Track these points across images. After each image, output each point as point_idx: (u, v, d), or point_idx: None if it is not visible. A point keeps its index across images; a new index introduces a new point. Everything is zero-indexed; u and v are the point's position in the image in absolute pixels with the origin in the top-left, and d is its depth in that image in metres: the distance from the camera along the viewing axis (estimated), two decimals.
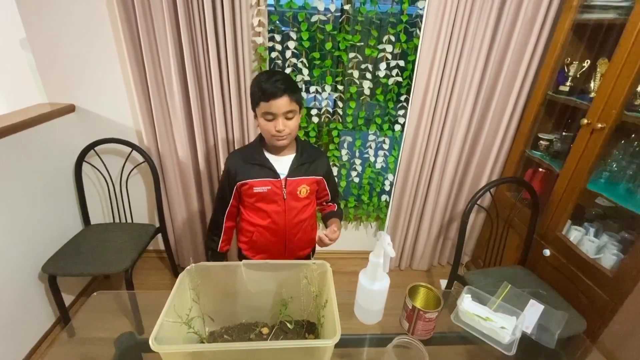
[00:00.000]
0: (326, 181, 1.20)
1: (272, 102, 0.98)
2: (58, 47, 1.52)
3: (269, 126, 1.02)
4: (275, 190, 1.09)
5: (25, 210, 1.41)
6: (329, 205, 1.27)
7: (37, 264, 1.41)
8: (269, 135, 1.04)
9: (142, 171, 1.80)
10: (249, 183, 1.08)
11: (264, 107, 1.00)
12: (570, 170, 1.38)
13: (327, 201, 1.26)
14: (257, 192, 1.09)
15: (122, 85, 1.61)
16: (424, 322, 0.86)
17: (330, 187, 1.23)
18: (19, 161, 1.37)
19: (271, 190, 1.08)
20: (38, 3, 1.43)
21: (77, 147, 1.62)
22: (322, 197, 1.25)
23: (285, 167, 1.10)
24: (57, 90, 1.61)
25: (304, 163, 1.12)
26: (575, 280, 1.33)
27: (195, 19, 1.43)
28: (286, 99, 0.98)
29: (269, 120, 1.01)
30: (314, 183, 1.16)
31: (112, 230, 1.65)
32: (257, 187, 1.08)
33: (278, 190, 1.09)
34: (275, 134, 1.02)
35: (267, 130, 1.03)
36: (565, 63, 1.52)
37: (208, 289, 0.81)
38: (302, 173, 1.12)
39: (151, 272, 1.98)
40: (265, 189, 1.08)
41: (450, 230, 2.08)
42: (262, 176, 1.08)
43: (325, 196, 1.24)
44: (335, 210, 1.26)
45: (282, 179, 1.09)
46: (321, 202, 1.26)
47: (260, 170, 1.09)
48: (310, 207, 1.19)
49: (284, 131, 1.01)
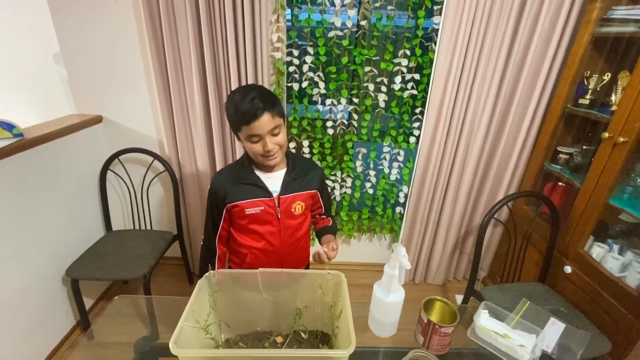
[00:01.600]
0: (320, 194, 1.13)
1: (254, 124, 0.90)
2: (89, 62, 1.62)
3: (256, 148, 0.94)
4: (269, 210, 1.02)
5: (52, 216, 1.48)
6: (322, 219, 1.20)
7: (62, 268, 1.47)
8: (257, 156, 0.97)
9: (163, 180, 1.87)
10: (240, 205, 1.01)
11: (246, 131, 0.92)
12: (592, 185, 1.35)
13: (320, 214, 1.20)
14: (250, 214, 1.01)
15: (147, 98, 1.69)
16: (439, 337, 0.84)
17: (324, 199, 1.16)
18: (49, 169, 1.45)
19: (264, 210, 1.02)
20: (73, 20, 1.54)
21: (102, 156, 1.70)
22: (316, 210, 1.18)
23: (277, 184, 1.03)
24: (86, 102, 1.70)
25: (296, 178, 1.05)
26: (598, 299, 1.29)
27: (217, 34, 1.49)
28: (267, 116, 0.91)
29: (255, 142, 0.94)
30: (309, 198, 1.09)
31: (132, 236, 1.70)
32: (249, 209, 1.01)
33: (272, 209, 1.02)
34: (265, 154, 0.95)
35: (256, 153, 0.96)
36: (585, 76, 1.50)
37: (225, 295, 0.83)
38: (296, 189, 1.05)
39: (167, 279, 2.02)
40: (258, 210, 1.01)
41: (467, 245, 2.04)
42: (253, 196, 1.01)
43: (318, 209, 1.18)
44: (330, 225, 1.20)
45: (275, 197, 1.02)
46: (314, 214, 1.20)
47: (251, 190, 1.01)
48: (306, 223, 1.12)
49: (273, 150, 0.95)
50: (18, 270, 1.32)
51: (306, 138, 1.79)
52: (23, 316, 1.35)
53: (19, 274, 1.32)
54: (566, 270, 1.44)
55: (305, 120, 1.74)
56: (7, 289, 1.28)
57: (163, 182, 1.89)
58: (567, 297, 1.41)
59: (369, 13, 1.58)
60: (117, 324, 0.98)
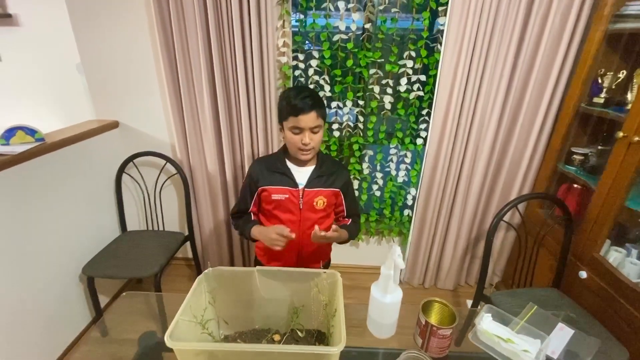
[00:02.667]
0: (344, 195, 1.20)
1: (301, 117, 1.02)
2: (107, 71, 1.71)
3: (295, 139, 1.06)
4: (292, 199, 1.12)
5: (71, 216, 1.56)
6: (343, 220, 1.26)
7: (78, 266, 1.54)
8: (295, 148, 1.08)
9: (175, 182, 1.93)
10: (268, 190, 1.12)
11: (292, 122, 1.04)
12: (607, 187, 1.29)
13: (343, 216, 1.25)
14: (275, 200, 1.12)
15: (160, 103, 1.77)
16: (438, 339, 0.83)
17: (348, 203, 1.22)
18: (68, 172, 1.53)
19: (288, 199, 1.11)
20: (92, 33, 1.63)
21: (118, 159, 1.78)
22: (339, 213, 1.25)
23: (304, 178, 1.13)
24: (105, 108, 1.80)
25: (322, 175, 1.14)
26: (615, 306, 1.22)
27: (225, 41, 1.54)
28: (314, 114, 1.03)
29: (296, 134, 1.05)
30: (332, 195, 1.17)
31: (145, 237, 1.76)
32: (275, 195, 1.11)
33: (295, 199, 1.12)
34: (302, 146, 1.06)
35: (294, 143, 1.07)
36: (599, 74, 1.45)
37: (224, 293, 0.85)
38: (321, 185, 1.14)
39: (178, 279, 2.07)
40: (283, 197, 1.11)
41: (478, 249, 1.99)
42: (281, 184, 1.12)
43: (341, 212, 1.24)
44: (348, 224, 1.24)
45: (300, 189, 1.12)
46: (337, 216, 1.26)
47: (281, 178, 1.12)
48: (328, 221, 1.19)
49: (309, 144, 1.05)
50: (37, 267, 1.39)
51: None
52: (42, 312, 1.42)
53: (39, 271, 1.40)
54: (581, 275, 1.38)
55: None
56: (27, 285, 1.35)
57: (175, 184, 1.95)
58: (582, 303, 1.35)
59: (373, 16, 1.59)
60: (125, 320, 1.01)
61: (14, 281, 1.29)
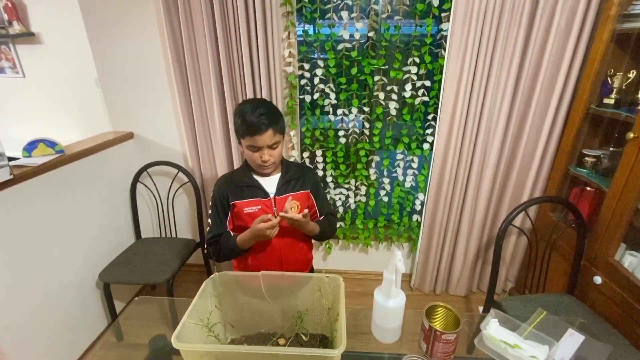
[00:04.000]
0: (314, 196, 1.20)
1: (257, 137, 1.01)
2: (122, 85, 1.79)
3: (254, 157, 1.06)
4: (266, 209, 1.10)
5: (88, 224, 1.63)
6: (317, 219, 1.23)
7: (95, 272, 1.60)
8: (254, 165, 1.09)
9: (187, 190, 1.99)
10: (239, 204, 1.10)
11: (249, 141, 1.03)
12: (619, 189, 1.26)
13: (317, 218, 1.23)
14: (247, 213, 1.09)
15: (172, 115, 1.83)
16: (442, 344, 0.83)
17: (319, 202, 1.21)
18: (86, 181, 1.60)
19: (262, 209, 1.09)
20: (108, 48, 1.72)
21: (133, 169, 1.85)
22: (312, 215, 1.21)
23: (273, 187, 1.12)
24: (120, 120, 1.88)
25: (290, 180, 1.14)
26: (631, 312, 1.18)
27: (234, 54, 1.60)
28: (270, 132, 1.02)
29: (254, 152, 1.05)
30: (304, 198, 1.16)
31: (159, 243, 1.82)
32: (247, 208, 1.09)
33: (269, 209, 1.10)
34: (261, 163, 1.06)
35: (253, 160, 1.07)
36: (608, 75, 1.42)
37: (230, 297, 0.87)
38: (290, 189, 1.13)
39: (190, 285, 2.12)
40: (255, 209, 1.09)
41: (489, 254, 1.95)
42: (252, 196, 1.10)
43: (314, 213, 1.22)
44: (321, 219, 1.21)
45: (271, 197, 1.11)
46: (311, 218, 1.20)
47: (250, 191, 1.11)
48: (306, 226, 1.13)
49: (268, 161, 1.06)
50: (56, 273, 1.46)
51: (319, 147, 1.84)
52: (59, 316, 1.48)
53: (57, 276, 1.46)
54: (596, 280, 1.34)
55: (317, 131, 1.79)
56: (46, 291, 1.41)
57: (187, 193, 2.01)
58: (597, 309, 1.31)
59: (376, 24, 1.61)
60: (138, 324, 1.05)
61: (34, 286, 1.36)
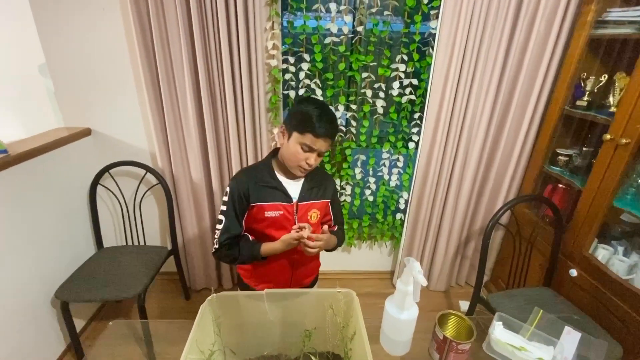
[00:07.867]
0: (332, 204, 1.15)
1: (319, 140, 0.94)
2: (76, 73, 1.55)
3: (301, 156, 0.96)
4: (287, 215, 1.02)
5: (40, 235, 1.40)
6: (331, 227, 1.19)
7: (50, 289, 1.39)
8: (295, 162, 0.98)
9: (156, 193, 1.80)
10: (259, 207, 1.00)
11: (308, 140, 0.94)
12: (595, 187, 1.34)
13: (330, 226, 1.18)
14: (268, 217, 1.01)
15: (138, 109, 1.63)
16: (456, 354, 0.81)
17: (335, 210, 1.17)
18: (36, 186, 1.37)
19: (283, 215, 1.02)
20: (58, 29, 1.48)
21: (92, 170, 1.63)
22: (326, 221, 1.17)
23: (296, 191, 1.04)
24: (74, 115, 1.63)
25: (313, 187, 1.07)
26: (606, 303, 1.27)
27: (210, 42, 1.45)
28: (330, 141, 0.98)
29: (305, 152, 0.96)
30: (324, 207, 1.11)
31: (125, 253, 1.63)
32: (268, 212, 1.00)
33: (290, 215, 1.02)
34: (304, 165, 0.97)
35: (298, 159, 0.97)
36: (582, 78, 1.50)
37: (229, 319, 0.78)
38: (313, 197, 1.06)
39: (162, 295, 1.94)
40: (277, 214, 1.01)
41: (468, 249, 2.02)
42: (274, 199, 1.01)
43: (328, 220, 1.17)
44: (336, 229, 1.18)
45: (293, 203, 1.03)
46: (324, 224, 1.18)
47: (273, 193, 1.01)
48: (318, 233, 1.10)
49: (312, 166, 0.98)
50: (4, 293, 1.24)
51: None
52: (11, 342, 1.27)
53: (6, 297, 1.24)
54: (572, 273, 1.42)
55: None
56: None
57: (156, 196, 1.82)
58: (573, 301, 1.39)
59: (365, 19, 1.56)
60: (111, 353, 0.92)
61: None
